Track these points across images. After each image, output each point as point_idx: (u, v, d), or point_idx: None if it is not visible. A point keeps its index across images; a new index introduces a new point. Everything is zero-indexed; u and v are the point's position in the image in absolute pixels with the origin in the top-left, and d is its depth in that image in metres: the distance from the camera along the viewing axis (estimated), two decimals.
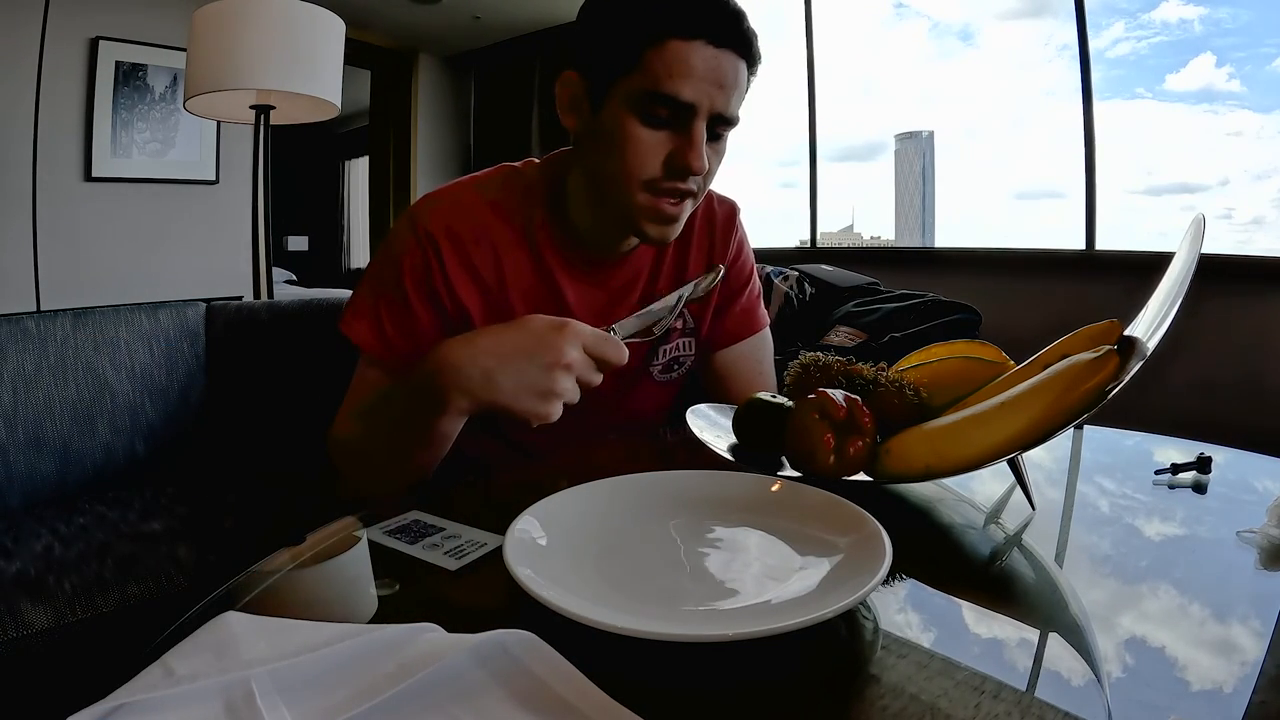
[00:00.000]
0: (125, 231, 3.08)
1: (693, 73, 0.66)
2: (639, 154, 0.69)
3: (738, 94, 0.70)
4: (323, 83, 1.74)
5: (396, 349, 0.77)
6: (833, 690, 0.36)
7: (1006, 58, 3.26)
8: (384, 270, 0.78)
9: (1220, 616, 0.42)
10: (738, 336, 0.94)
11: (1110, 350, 0.50)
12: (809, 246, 3.18)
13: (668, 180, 0.70)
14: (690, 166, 0.68)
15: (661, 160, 0.69)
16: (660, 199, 0.71)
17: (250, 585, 0.48)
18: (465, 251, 0.77)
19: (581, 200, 0.79)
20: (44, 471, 1.12)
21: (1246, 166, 2.59)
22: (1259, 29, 2.49)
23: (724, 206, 0.93)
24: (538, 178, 0.82)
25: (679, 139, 0.69)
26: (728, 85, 0.68)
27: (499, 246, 0.78)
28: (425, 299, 0.77)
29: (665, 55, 0.66)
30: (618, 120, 0.69)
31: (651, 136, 0.68)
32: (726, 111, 0.69)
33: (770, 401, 0.67)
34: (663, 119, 0.68)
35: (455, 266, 0.76)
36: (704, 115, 0.68)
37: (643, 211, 0.72)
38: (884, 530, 0.44)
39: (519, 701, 0.32)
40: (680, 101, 0.66)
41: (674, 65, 0.66)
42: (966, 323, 1.62)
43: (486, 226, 0.78)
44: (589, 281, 0.82)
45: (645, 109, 0.68)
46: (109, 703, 0.30)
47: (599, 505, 0.52)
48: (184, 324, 1.31)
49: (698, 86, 0.66)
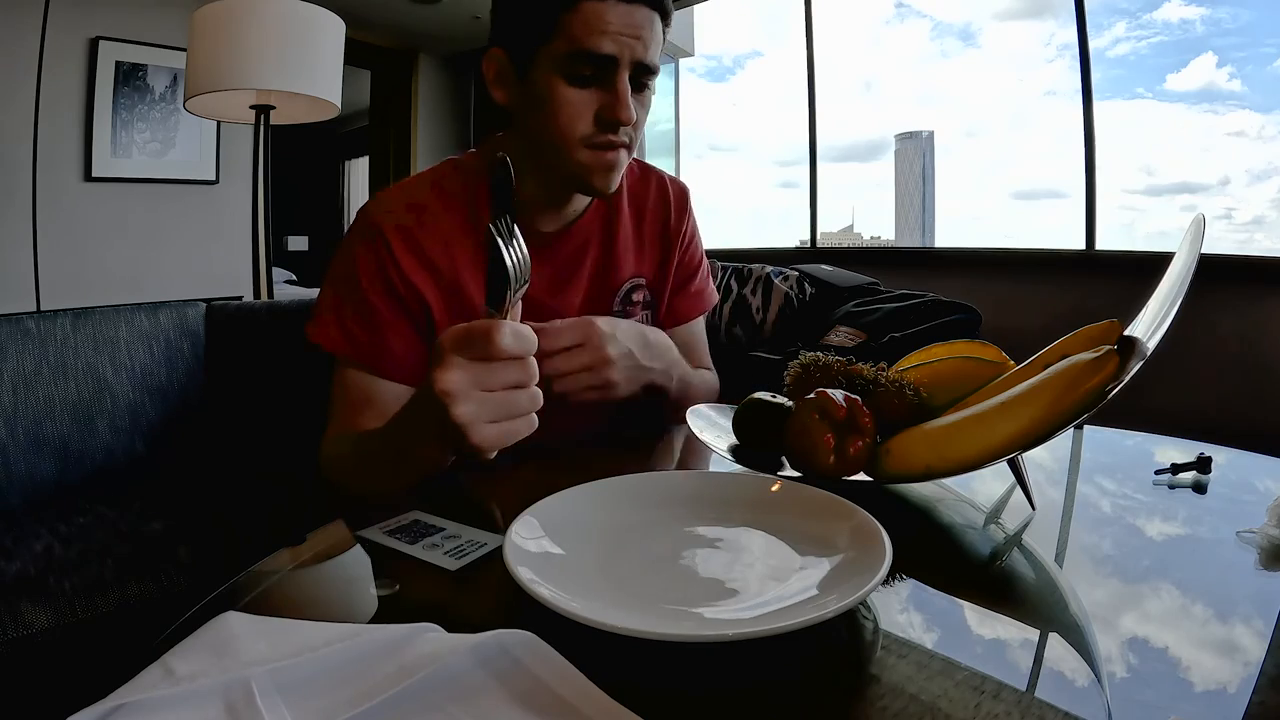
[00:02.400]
0: (125, 231, 3.08)
1: (608, 28, 0.70)
2: (571, 114, 0.73)
3: (655, 44, 0.74)
4: (323, 83, 1.74)
5: (364, 347, 0.78)
6: (833, 690, 0.36)
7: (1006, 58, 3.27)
8: (341, 273, 0.80)
9: (1220, 617, 0.42)
10: (690, 315, 0.99)
11: (1110, 350, 0.50)
12: (809, 246, 3.18)
13: (601, 134, 0.74)
14: (620, 118, 0.72)
15: (592, 117, 0.73)
16: (599, 153, 0.75)
17: (250, 585, 0.48)
18: (415, 241, 0.79)
19: (523, 171, 0.81)
20: (44, 471, 1.12)
21: (1246, 166, 2.59)
22: (1259, 29, 2.50)
23: (677, 186, 0.99)
24: (476, 163, 0.86)
25: (605, 94, 0.73)
26: (644, 36, 0.72)
27: (447, 233, 0.81)
28: (383, 293, 0.78)
29: (581, 16, 0.70)
30: (546, 86, 0.73)
31: (579, 96, 0.73)
32: (646, 59, 0.73)
33: (770, 401, 0.67)
34: (587, 77, 0.72)
35: (406, 256, 0.79)
36: (625, 67, 0.72)
37: (585, 167, 0.76)
38: (884, 530, 0.44)
39: (519, 702, 0.32)
40: (601, 56, 0.71)
41: (591, 24, 0.70)
42: (966, 323, 1.62)
43: (433, 215, 0.81)
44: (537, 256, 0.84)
45: (569, 70, 0.72)
46: (109, 703, 0.30)
47: (599, 505, 0.52)
48: (184, 324, 1.31)
49: (616, 40, 0.70)
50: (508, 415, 0.51)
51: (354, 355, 0.78)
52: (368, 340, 0.78)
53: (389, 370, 0.78)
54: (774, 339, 1.82)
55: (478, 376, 0.50)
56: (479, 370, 0.50)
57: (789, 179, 3.57)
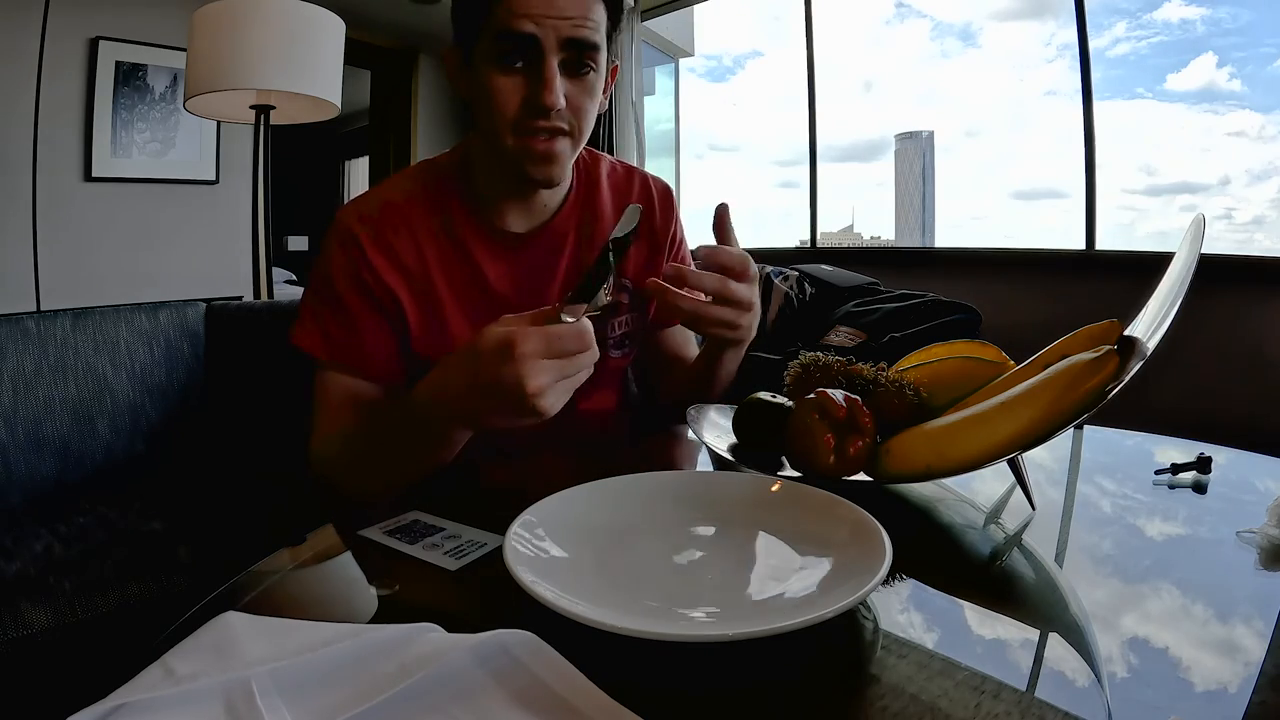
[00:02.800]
0: (125, 231, 3.08)
1: (531, 9, 0.69)
2: (500, 100, 0.72)
3: (590, 23, 0.72)
4: (323, 83, 1.74)
5: (344, 349, 0.79)
6: (833, 690, 0.36)
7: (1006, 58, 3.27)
8: (318, 276, 0.81)
9: (1220, 617, 0.42)
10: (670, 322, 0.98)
11: (1110, 350, 0.50)
12: (809, 246, 3.18)
13: (528, 119, 0.72)
14: (544, 101, 0.70)
15: (519, 100, 0.72)
16: (529, 139, 0.73)
17: (250, 585, 0.48)
18: (385, 241, 0.80)
19: (487, 164, 0.82)
20: (44, 471, 1.12)
21: (1246, 166, 2.59)
22: (1260, 29, 2.50)
23: (659, 186, 0.97)
24: (449, 162, 0.86)
25: (532, 77, 0.71)
26: (572, 13, 0.70)
27: (417, 233, 0.81)
28: (358, 294, 0.79)
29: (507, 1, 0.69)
30: (480, 72, 0.73)
31: (507, 81, 0.72)
32: (577, 35, 0.71)
33: (770, 401, 0.67)
34: (516, 61, 0.71)
35: (377, 256, 0.79)
36: (552, 49, 0.70)
37: (517, 154, 0.74)
38: (884, 530, 0.44)
39: (519, 702, 0.32)
40: (522, 35, 0.69)
41: (514, 6, 0.69)
42: (966, 323, 1.62)
43: (403, 216, 0.81)
44: (508, 257, 0.85)
45: (498, 55, 0.71)
46: (109, 703, 0.30)
47: (599, 505, 0.52)
48: (184, 324, 1.31)
49: (538, 21, 0.69)
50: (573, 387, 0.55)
51: (334, 356, 0.79)
52: (346, 341, 0.79)
53: (368, 370, 0.79)
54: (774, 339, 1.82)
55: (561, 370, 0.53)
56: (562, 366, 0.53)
57: (789, 179, 3.57)
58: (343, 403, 0.79)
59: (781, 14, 3.28)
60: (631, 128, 3.51)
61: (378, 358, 0.79)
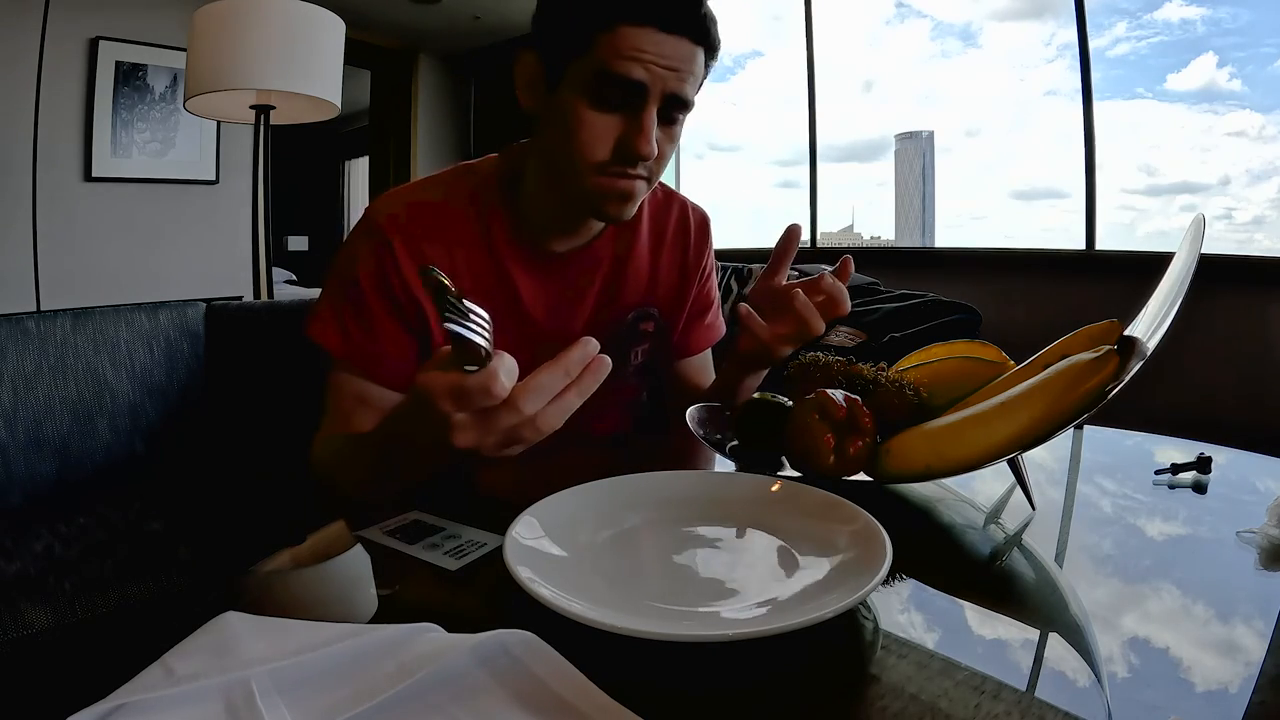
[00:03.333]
0: (125, 231, 3.08)
1: (642, 56, 0.66)
2: (590, 137, 0.69)
3: (691, 79, 0.70)
4: (323, 83, 1.74)
5: (361, 350, 0.77)
6: (833, 690, 0.36)
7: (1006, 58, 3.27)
8: (342, 272, 0.79)
9: (1221, 617, 0.42)
10: (703, 347, 0.98)
11: (1110, 350, 0.50)
12: (809, 246, 3.18)
13: (616, 164, 0.70)
14: (639, 151, 0.69)
15: (611, 144, 0.70)
16: (612, 180, 0.72)
17: (250, 585, 0.48)
18: (418, 247, 0.78)
19: (541, 185, 0.79)
20: (44, 471, 1.12)
21: (1247, 166, 2.59)
22: (1260, 29, 2.50)
23: (697, 214, 0.94)
24: (492, 171, 0.83)
25: (629, 123, 0.69)
26: (680, 69, 0.68)
27: (452, 242, 0.79)
28: (382, 297, 0.77)
29: (615, 39, 0.66)
30: (570, 102, 0.70)
31: (601, 120, 0.69)
32: (679, 93, 0.69)
33: (770, 401, 0.67)
34: (614, 102, 0.69)
35: (408, 261, 0.77)
36: (655, 99, 0.68)
37: (596, 194, 0.72)
38: (884, 530, 0.44)
39: (519, 702, 0.32)
40: (630, 81, 0.67)
41: (623, 48, 0.66)
42: (966, 323, 1.62)
43: (439, 222, 0.79)
44: (543, 275, 0.83)
45: (596, 91, 0.68)
46: (109, 703, 0.30)
47: (599, 505, 0.52)
48: (184, 324, 1.31)
49: (648, 69, 0.67)
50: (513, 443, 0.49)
51: (349, 357, 0.78)
52: (363, 342, 0.77)
53: (382, 376, 0.78)
54: None
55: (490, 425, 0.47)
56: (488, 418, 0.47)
57: (789, 179, 3.57)
58: (352, 405, 0.78)
59: (781, 14, 3.27)
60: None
61: (393, 364, 0.78)
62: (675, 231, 0.91)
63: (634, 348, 0.90)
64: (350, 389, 0.78)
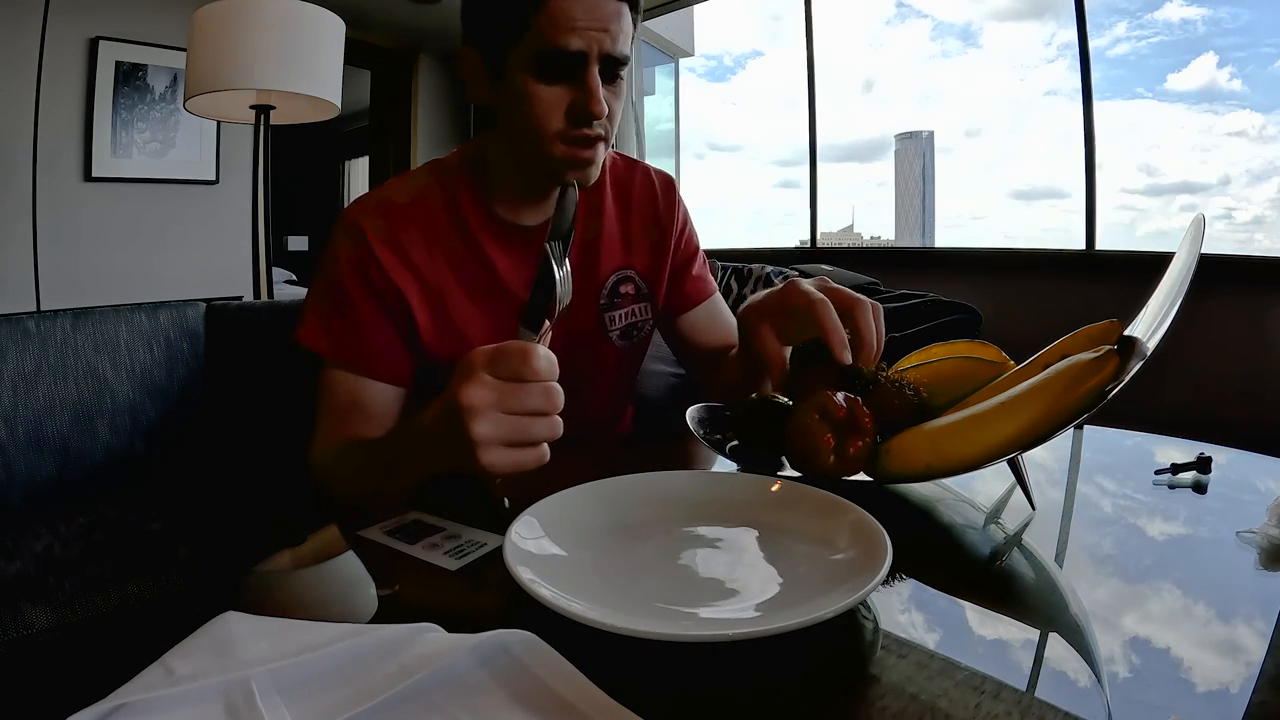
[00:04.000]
0: (125, 231, 3.08)
1: (576, 24, 0.70)
2: (543, 109, 0.73)
3: (623, 35, 0.74)
4: (323, 83, 1.74)
5: (350, 347, 0.79)
6: (833, 690, 0.36)
7: (1007, 58, 3.27)
8: (325, 273, 0.81)
9: (1221, 617, 0.42)
10: (698, 300, 0.99)
11: (1110, 350, 0.50)
12: (809, 246, 3.18)
13: (574, 128, 0.74)
14: (592, 111, 0.73)
15: (564, 111, 0.74)
16: (574, 148, 0.75)
17: (250, 585, 0.48)
18: (394, 237, 0.80)
19: (507, 168, 0.82)
20: (44, 471, 1.12)
21: (1247, 166, 2.59)
22: (1260, 29, 2.50)
23: (661, 177, 0.98)
24: (458, 160, 0.87)
25: (577, 89, 0.73)
26: (612, 29, 0.72)
27: (426, 229, 0.82)
28: (364, 292, 0.79)
29: (548, 14, 0.70)
30: (518, 84, 0.74)
31: (550, 92, 0.73)
32: (614, 52, 0.73)
33: (770, 401, 0.67)
34: (558, 73, 0.73)
35: (385, 253, 0.79)
36: (595, 61, 0.73)
37: (562, 161, 0.76)
38: (884, 530, 0.44)
39: (519, 702, 0.32)
40: (570, 53, 0.71)
41: (559, 21, 0.70)
42: (966, 323, 1.62)
43: (413, 212, 0.82)
44: (519, 250, 0.85)
45: (539, 68, 0.72)
46: (109, 703, 0.30)
47: (599, 505, 0.52)
48: (184, 324, 1.31)
49: (584, 35, 0.71)
50: (524, 440, 0.50)
51: (338, 355, 0.79)
52: (351, 339, 0.79)
53: (373, 368, 0.79)
54: None
55: (503, 397, 0.49)
56: (505, 390, 0.49)
57: (789, 179, 3.57)
58: (345, 405, 0.78)
59: (781, 14, 3.27)
60: (632, 127, 3.51)
61: (382, 357, 0.79)
62: (641, 195, 0.95)
63: (616, 310, 0.91)
64: (343, 387, 0.79)
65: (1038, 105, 3.13)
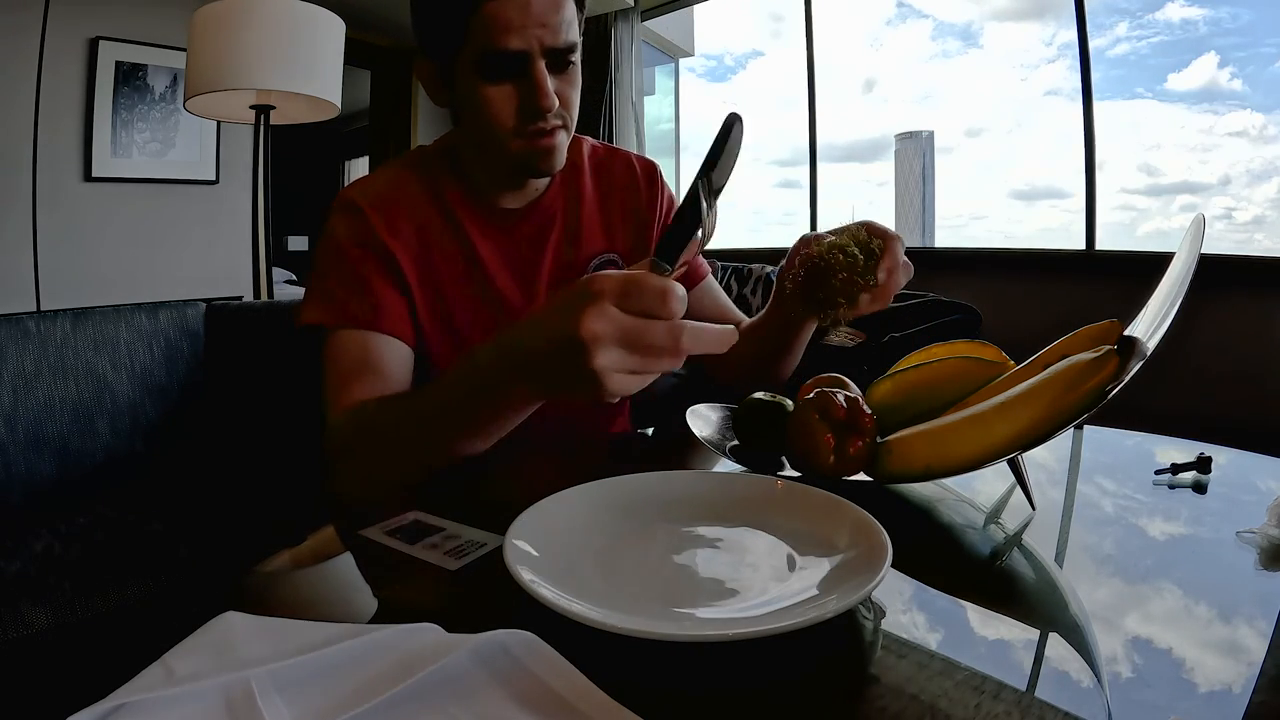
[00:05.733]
0: (125, 231, 3.08)
1: (511, 24, 0.71)
2: (495, 110, 0.75)
3: (565, 25, 0.74)
4: (323, 83, 1.74)
5: (356, 309, 0.78)
6: (833, 690, 0.36)
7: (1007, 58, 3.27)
8: (324, 251, 0.82)
9: (1221, 617, 0.42)
10: (693, 282, 0.99)
11: (1110, 350, 0.50)
12: None
13: (528, 124, 0.76)
14: (541, 105, 0.74)
15: (514, 109, 0.75)
16: (532, 140, 0.77)
17: (250, 585, 0.48)
18: (389, 213, 0.82)
19: (476, 161, 0.85)
20: (44, 471, 1.12)
21: (1247, 166, 2.59)
22: (1261, 29, 2.50)
23: (642, 163, 0.99)
24: (437, 150, 0.89)
25: (523, 85, 0.74)
26: (551, 22, 0.73)
27: (415, 210, 0.83)
28: (367, 255, 0.80)
29: (483, 18, 0.71)
30: (468, 88, 0.76)
31: (499, 91, 0.75)
32: (558, 43, 0.74)
33: (770, 401, 0.67)
34: (503, 73, 0.74)
35: (382, 226, 0.81)
36: (538, 56, 0.73)
37: (522, 155, 0.78)
38: (884, 530, 0.44)
39: (519, 701, 0.32)
40: (511, 53, 0.72)
41: (494, 24, 0.71)
42: (966, 323, 1.62)
43: (401, 193, 0.84)
44: (499, 234, 0.87)
45: (484, 69, 0.74)
46: (109, 703, 0.30)
47: (599, 505, 0.52)
48: (184, 324, 1.31)
49: (522, 34, 0.71)
50: (644, 371, 0.47)
51: (343, 318, 0.77)
52: (356, 299, 0.78)
53: (382, 322, 0.77)
54: None
55: (628, 333, 0.45)
56: (632, 327, 0.45)
57: (789, 179, 3.57)
58: (356, 365, 0.75)
59: (782, 14, 3.27)
60: (632, 127, 3.51)
61: (390, 311, 0.78)
62: (623, 180, 0.96)
63: None
64: (353, 345, 0.76)
65: (1038, 105, 3.15)
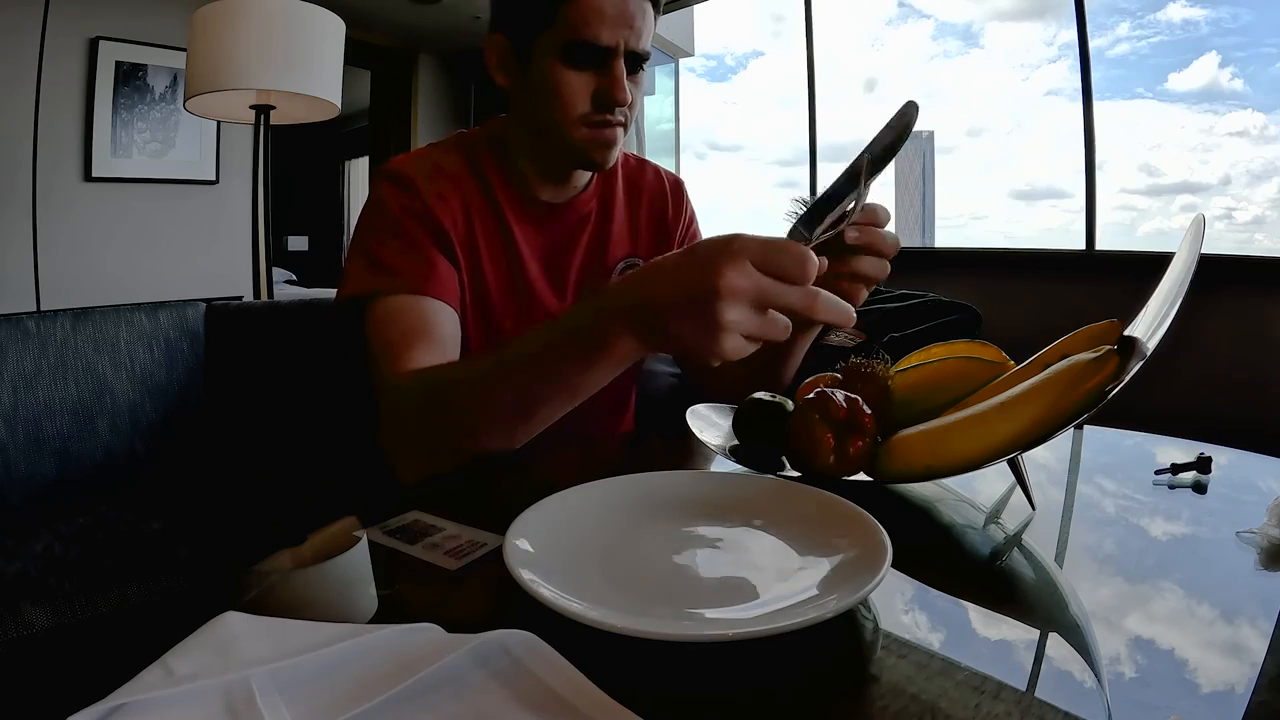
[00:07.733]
0: (125, 231, 3.08)
1: (605, 19, 0.75)
2: (570, 93, 0.78)
3: (647, 33, 0.79)
4: (323, 83, 1.74)
5: (407, 274, 0.76)
6: (833, 690, 0.36)
7: (1008, 58, 3.27)
8: (371, 221, 0.81)
9: (1221, 617, 0.42)
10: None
11: (1110, 350, 0.50)
12: None
13: (598, 113, 0.79)
14: (616, 99, 0.78)
15: (589, 96, 0.78)
16: (597, 130, 0.80)
17: (250, 585, 0.48)
18: (439, 186, 0.83)
19: (523, 150, 0.86)
20: (44, 471, 1.12)
21: (1247, 166, 2.59)
22: (1261, 29, 2.50)
23: (671, 178, 1.02)
24: (481, 134, 0.90)
25: (602, 77, 0.78)
26: (637, 26, 0.77)
27: (460, 188, 0.85)
28: (419, 223, 0.80)
29: (579, 8, 0.74)
30: (546, 69, 0.78)
31: (578, 78, 0.78)
32: (639, 48, 0.78)
33: (770, 401, 0.67)
34: (584, 61, 0.77)
35: (434, 197, 0.82)
36: (621, 54, 0.77)
37: (583, 144, 0.81)
38: (884, 530, 0.44)
39: (519, 701, 0.32)
40: (600, 46, 0.76)
41: (589, 15, 0.75)
42: (966, 323, 1.63)
43: (446, 171, 0.85)
44: (536, 225, 0.88)
45: (568, 56, 0.76)
46: (109, 703, 0.30)
47: (599, 505, 0.52)
48: (184, 324, 1.31)
49: (612, 30, 0.75)
50: (761, 335, 0.48)
51: (393, 286, 0.75)
52: (413, 266, 0.77)
53: (438, 289, 0.76)
54: None
55: (763, 293, 0.47)
56: (767, 288, 0.47)
57: (789, 179, 3.57)
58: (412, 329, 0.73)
59: (782, 14, 3.28)
60: (632, 127, 3.51)
61: (445, 280, 0.78)
62: (651, 190, 0.98)
63: None
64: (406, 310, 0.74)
65: (1038, 105, 3.14)
